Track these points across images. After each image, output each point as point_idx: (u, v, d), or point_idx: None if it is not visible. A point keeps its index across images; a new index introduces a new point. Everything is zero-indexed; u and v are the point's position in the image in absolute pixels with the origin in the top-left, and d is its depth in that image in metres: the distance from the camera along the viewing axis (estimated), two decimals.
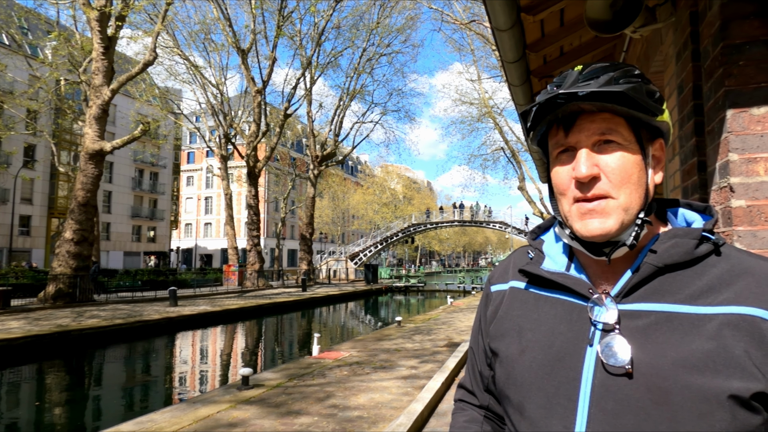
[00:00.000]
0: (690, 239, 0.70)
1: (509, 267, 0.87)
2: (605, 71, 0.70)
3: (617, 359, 0.65)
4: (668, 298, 0.67)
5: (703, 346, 0.62)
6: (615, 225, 0.68)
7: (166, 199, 53.19)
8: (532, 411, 0.70)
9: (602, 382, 0.66)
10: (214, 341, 16.61)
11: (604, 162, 0.70)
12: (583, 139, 0.71)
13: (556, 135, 0.74)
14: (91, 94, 20.16)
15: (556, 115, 0.72)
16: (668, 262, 0.69)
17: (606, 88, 0.67)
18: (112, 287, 25.12)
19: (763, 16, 1.50)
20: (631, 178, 0.70)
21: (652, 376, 0.63)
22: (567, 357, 0.70)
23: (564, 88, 0.69)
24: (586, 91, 0.67)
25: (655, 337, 0.65)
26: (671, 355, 0.63)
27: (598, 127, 0.70)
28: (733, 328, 0.62)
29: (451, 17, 26.61)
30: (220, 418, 5.93)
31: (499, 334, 0.81)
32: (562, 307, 0.74)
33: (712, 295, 0.65)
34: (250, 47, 29.51)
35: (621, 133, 0.70)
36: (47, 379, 11.11)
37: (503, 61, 3.17)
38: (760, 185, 1.47)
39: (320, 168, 36.91)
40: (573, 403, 0.67)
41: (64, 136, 40.25)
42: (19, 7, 27.26)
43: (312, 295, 28.13)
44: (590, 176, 0.69)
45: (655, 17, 2.13)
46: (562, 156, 0.73)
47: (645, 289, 0.69)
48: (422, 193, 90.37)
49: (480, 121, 33.41)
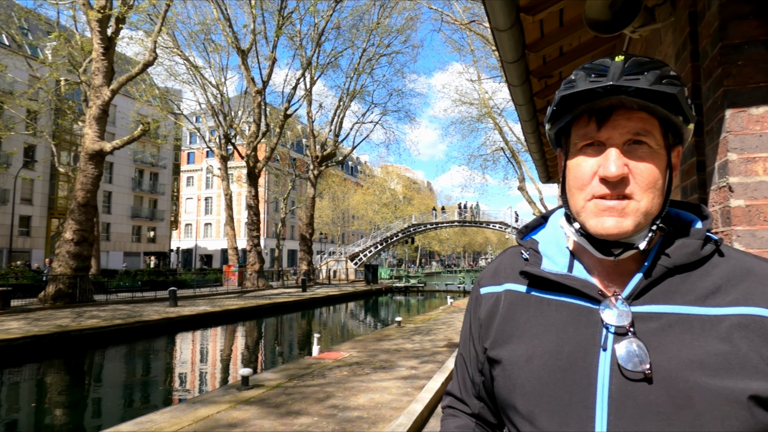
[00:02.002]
0: (695, 240, 0.69)
1: (500, 268, 0.84)
2: (651, 67, 0.66)
3: (635, 364, 0.63)
4: (678, 300, 0.66)
5: (717, 348, 0.62)
6: (631, 226, 0.66)
7: (166, 199, 53.19)
8: (545, 420, 0.67)
9: (620, 387, 0.64)
10: (214, 341, 16.61)
11: (634, 164, 0.67)
12: (616, 136, 0.68)
13: (585, 126, 0.70)
14: (91, 95, 20.16)
15: (593, 105, 0.68)
16: (678, 263, 0.68)
17: (657, 87, 0.64)
18: (112, 287, 25.12)
19: (761, 16, 1.50)
20: (656, 184, 0.68)
21: (672, 379, 0.62)
22: (579, 362, 0.67)
23: (611, 80, 0.65)
24: (635, 87, 0.64)
25: (670, 340, 0.64)
26: (687, 357, 0.62)
27: (634, 126, 0.67)
28: (744, 328, 0.62)
29: (451, 17, 26.63)
30: (220, 418, 5.93)
31: (500, 340, 0.77)
32: (569, 311, 0.71)
33: (719, 296, 0.65)
34: (250, 48, 29.52)
35: (654, 136, 0.68)
36: (47, 380, 11.11)
37: (503, 62, 3.17)
38: (758, 185, 1.47)
39: (320, 168, 36.91)
40: (590, 411, 0.64)
41: (64, 137, 40.25)
42: (19, 8, 27.28)
43: (312, 295, 28.12)
44: (620, 176, 0.66)
45: (654, 17, 2.13)
46: (587, 149, 0.70)
47: (655, 290, 0.68)
48: (422, 194, 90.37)
49: (480, 122, 33.46)
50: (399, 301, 33.93)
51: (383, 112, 40.00)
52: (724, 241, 1.55)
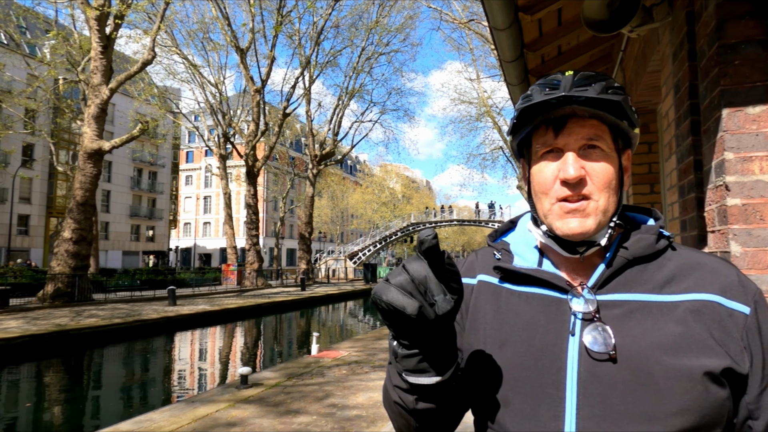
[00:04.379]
0: (650, 235, 0.76)
1: (475, 263, 0.88)
2: (597, 80, 0.74)
3: (601, 346, 0.69)
4: (638, 289, 0.73)
5: (674, 330, 0.68)
6: (593, 225, 0.73)
7: (164, 198, 53.14)
8: (518, 403, 0.71)
9: (587, 368, 0.69)
10: (213, 340, 16.61)
11: (590, 166, 0.74)
12: (572, 142, 0.75)
13: (544, 135, 0.77)
14: (89, 93, 20.13)
15: (549, 116, 0.75)
16: (636, 255, 0.75)
17: (604, 96, 0.72)
18: (110, 286, 25.09)
19: (758, 16, 1.51)
20: (611, 183, 0.75)
21: (635, 359, 0.67)
22: (550, 347, 0.72)
23: (563, 91, 0.72)
24: (585, 96, 0.71)
25: (632, 324, 0.70)
26: (649, 339, 0.68)
27: (587, 132, 0.74)
28: (697, 312, 0.69)
29: (450, 16, 26.64)
30: (219, 417, 5.94)
31: (471, 328, 0.80)
32: (540, 301, 0.76)
33: (674, 285, 0.72)
34: (249, 46, 29.48)
35: (606, 140, 0.75)
36: (45, 379, 11.11)
37: (501, 60, 3.18)
38: (755, 184, 1.48)
39: (319, 167, 36.89)
40: (561, 392, 0.69)
41: (63, 136, 40.16)
42: (18, 6, 27.21)
43: (311, 294, 28.13)
44: (578, 177, 0.73)
45: (652, 17, 2.14)
46: (547, 155, 0.77)
47: (617, 281, 0.74)
48: (421, 192, 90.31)
49: (479, 120, 33.47)
50: None
51: (382, 111, 39.96)
52: (721, 239, 1.56)
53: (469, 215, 55.11)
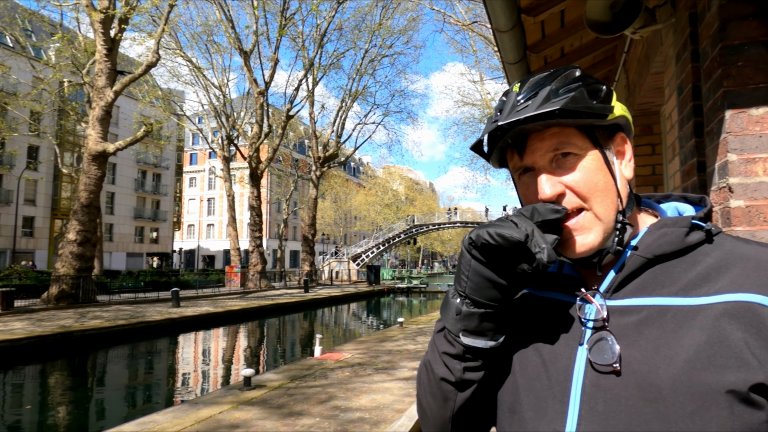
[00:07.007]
0: (679, 228, 0.67)
1: None
2: (543, 85, 0.68)
3: (604, 357, 0.63)
4: (660, 291, 0.64)
5: (697, 339, 0.58)
6: (597, 239, 0.68)
7: (168, 200, 53.31)
8: (524, 412, 0.69)
9: (593, 381, 0.64)
10: (217, 342, 16.63)
11: (568, 177, 0.68)
12: (538, 159, 0.69)
13: (512, 159, 0.73)
14: (94, 96, 20.24)
15: (506, 141, 0.71)
16: (657, 253, 0.67)
17: (543, 108, 0.65)
18: (114, 288, 25.18)
19: (761, 17, 1.50)
20: (597, 185, 0.68)
21: (643, 372, 0.60)
22: (559, 357, 0.68)
23: (504, 117, 0.68)
24: (524, 116, 0.66)
25: (647, 333, 0.62)
26: (664, 350, 0.60)
27: (550, 144, 0.69)
28: (730, 316, 0.58)
29: (453, 18, 26.63)
30: (222, 418, 5.94)
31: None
32: (553, 307, 0.73)
33: (707, 285, 0.62)
34: (253, 49, 29.57)
35: (574, 143, 0.69)
36: (50, 380, 11.15)
37: (504, 63, 3.18)
38: (758, 185, 1.47)
39: (322, 169, 36.95)
40: (563, 405, 0.65)
41: (67, 138, 40.38)
42: (23, 9, 27.34)
43: (314, 296, 28.14)
44: (556, 195, 0.68)
45: (655, 18, 2.13)
46: (524, 177, 0.73)
47: (635, 283, 0.67)
48: (424, 194, 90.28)
49: (482, 122, 33.41)
50: (401, 302, 33.92)
51: (385, 113, 40.03)
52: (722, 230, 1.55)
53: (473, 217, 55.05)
